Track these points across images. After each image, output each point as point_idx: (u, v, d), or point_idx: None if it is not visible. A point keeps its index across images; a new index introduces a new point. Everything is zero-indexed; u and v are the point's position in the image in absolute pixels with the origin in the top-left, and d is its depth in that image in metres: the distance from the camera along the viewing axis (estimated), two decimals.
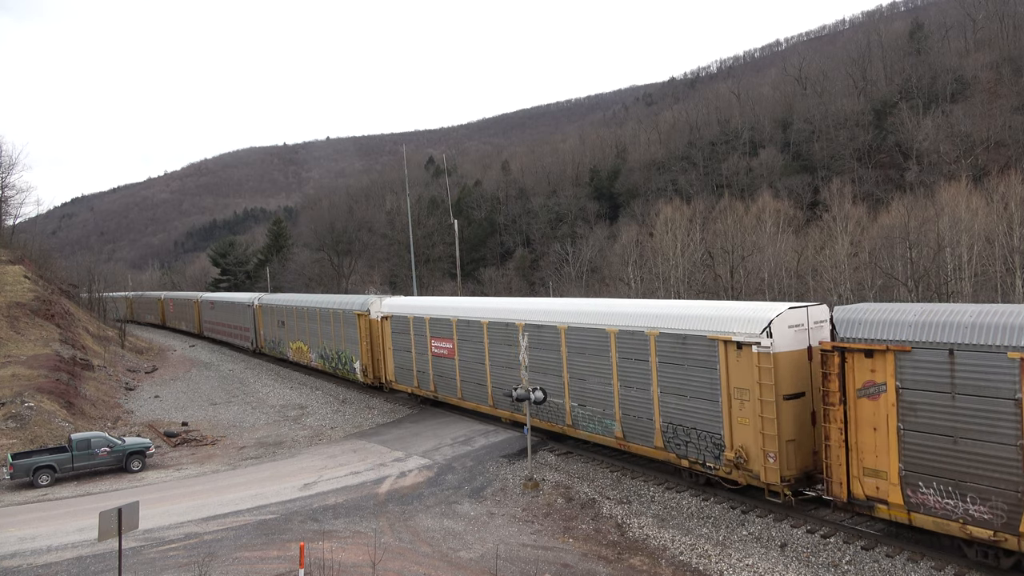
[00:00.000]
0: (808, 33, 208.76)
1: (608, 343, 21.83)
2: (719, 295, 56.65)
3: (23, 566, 17.64)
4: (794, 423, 17.26)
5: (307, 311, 45.05)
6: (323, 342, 42.78)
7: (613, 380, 21.80)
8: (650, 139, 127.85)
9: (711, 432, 18.83)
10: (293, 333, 47.83)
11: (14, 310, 46.34)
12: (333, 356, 41.55)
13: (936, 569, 14.73)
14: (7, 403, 32.27)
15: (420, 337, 32.14)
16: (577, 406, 23.51)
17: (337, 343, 40.78)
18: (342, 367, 40.52)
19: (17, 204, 78.03)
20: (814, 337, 17.55)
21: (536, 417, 24.24)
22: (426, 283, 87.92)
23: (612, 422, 22.02)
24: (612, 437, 22.04)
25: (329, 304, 42.37)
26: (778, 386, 16.96)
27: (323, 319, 42.45)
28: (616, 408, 21.82)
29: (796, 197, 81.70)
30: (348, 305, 39.57)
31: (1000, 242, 50.58)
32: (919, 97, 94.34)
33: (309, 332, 44.96)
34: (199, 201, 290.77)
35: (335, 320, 40.69)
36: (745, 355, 17.58)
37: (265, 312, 53.66)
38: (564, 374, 23.81)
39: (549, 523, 19.42)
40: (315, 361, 44.48)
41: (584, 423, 23.20)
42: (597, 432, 22.68)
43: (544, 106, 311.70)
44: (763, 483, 17.52)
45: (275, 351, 52.04)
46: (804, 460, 17.41)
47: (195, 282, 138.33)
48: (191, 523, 20.05)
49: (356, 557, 17.02)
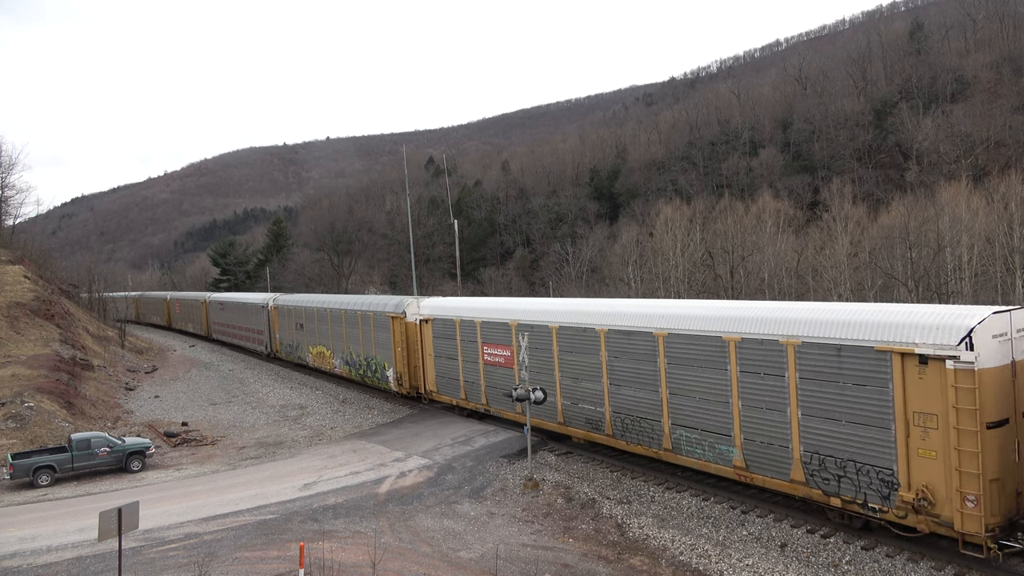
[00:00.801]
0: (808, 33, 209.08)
1: (725, 353, 18.34)
2: (719, 295, 56.65)
3: (23, 566, 17.63)
4: (998, 458, 14.06)
5: (331, 313, 41.77)
6: (349, 347, 39.57)
7: (732, 399, 18.27)
8: (650, 139, 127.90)
9: (877, 466, 15.41)
10: (313, 336, 44.55)
11: (14, 310, 46.33)
12: (361, 363, 38.22)
13: (936, 569, 14.72)
14: (7, 403, 32.26)
15: (469, 343, 28.67)
16: (680, 428, 19.92)
17: (366, 348, 37.46)
18: (371, 375, 37.20)
19: (17, 204, 78.12)
20: (1017, 349, 14.45)
21: (624, 439, 21.79)
22: (426, 283, 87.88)
23: (730, 448, 18.48)
24: (728, 466, 18.56)
25: (357, 305, 38.97)
26: (982, 411, 13.76)
27: (350, 322, 39.18)
28: (736, 432, 18.25)
29: (796, 197, 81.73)
30: (380, 307, 36.22)
31: (1000, 242, 50.56)
32: (919, 97, 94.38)
33: (333, 336, 41.62)
34: (199, 201, 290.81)
35: (364, 323, 37.37)
36: (933, 372, 14.36)
37: (281, 314, 50.42)
38: (662, 389, 20.17)
39: (549, 523, 19.42)
40: (339, 368, 41.13)
41: (689, 448, 19.69)
42: (707, 459, 19.16)
43: (544, 106, 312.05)
44: (957, 532, 14.27)
45: (292, 356, 48.87)
46: (1008, 503, 14.31)
47: (195, 282, 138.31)
48: (191, 523, 20.04)
49: (356, 557, 17.01)
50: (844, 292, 50.91)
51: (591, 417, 23.04)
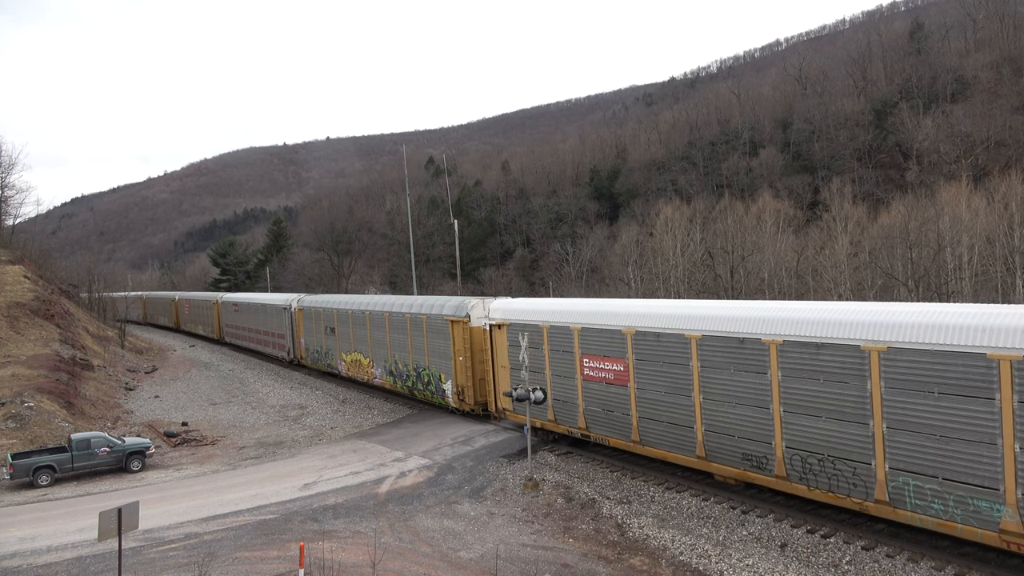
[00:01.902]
0: (808, 33, 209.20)
1: (993, 378, 13.46)
2: (719, 295, 56.66)
3: (23, 566, 17.64)
4: None
5: (370, 316, 37.20)
6: (394, 355, 34.95)
7: (1004, 438, 13.43)
8: (650, 139, 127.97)
9: None
10: (347, 342, 39.95)
11: (14, 310, 46.34)
12: (408, 374, 33.70)
13: (936, 569, 14.71)
14: (7, 403, 32.27)
15: (561, 354, 23.90)
16: (906, 475, 14.99)
17: (416, 357, 32.94)
18: (422, 388, 32.75)
19: (17, 204, 78.22)
20: None
21: (803, 483, 17.11)
22: (426, 283, 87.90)
23: (996, 506, 13.62)
24: (992, 530, 13.69)
25: (405, 308, 34.18)
26: None
27: (395, 326, 34.60)
28: (1009, 484, 13.36)
29: (796, 197, 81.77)
30: (436, 309, 31.54)
31: (1001, 242, 50.58)
32: (919, 97, 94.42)
33: (373, 342, 37.08)
34: (199, 201, 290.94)
35: (414, 328, 32.82)
36: None
37: (308, 316, 45.64)
38: (875, 422, 15.33)
39: (549, 523, 19.41)
40: (380, 378, 36.79)
41: (922, 502, 14.77)
42: (954, 519, 14.27)
43: (544, 106, 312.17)
44: None
45: (320, 363, 44.36)
46: None
47: (195, 282, 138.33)
48: (191, 523, 20.04)
49: (356, 557, 17.02)
50: (844, 292, 50.92)
51: (751, 452, 18.15)
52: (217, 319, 67.43)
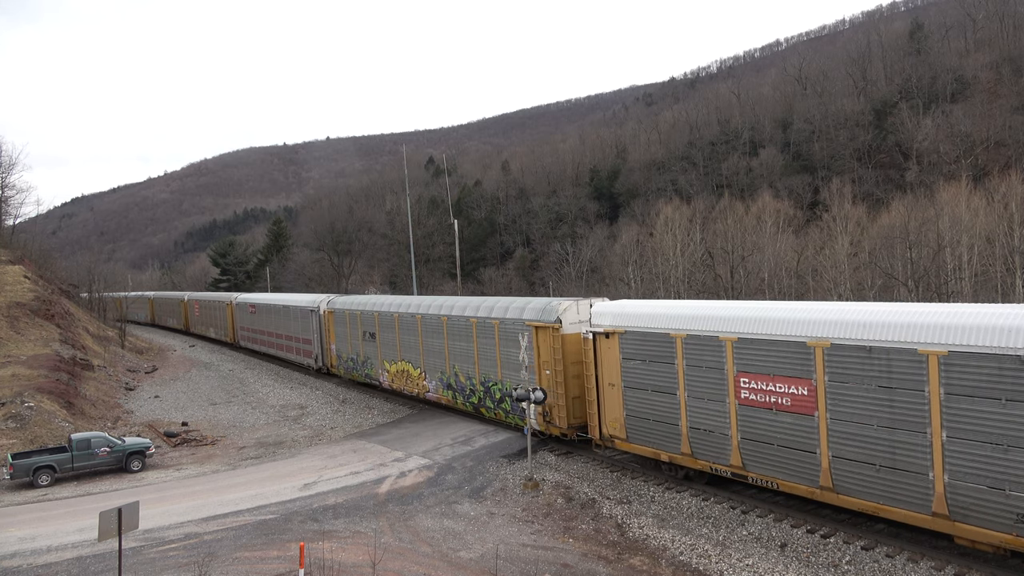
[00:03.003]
0: (808, 33, 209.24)
1: None
2: (719, 295, 56.65)
3: (23, 566, 17.64)
4: None
5: (425, 321, 31.94)
6: (454, 366, 30.16)
7: None
8: (650, 139, 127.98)
9: None
10: (392, 350, 35.26)
11: (14, 310, 46.35)
12: (474, 388, 28.89)
13: (936, 569, 14.72)
14: (7, 403, 32.27)
15: (704, 371, 19.13)
16: None
17: (486, 369, 28.06)
18: (493, 405, 27.98)
19: (17, 204, 78.21)
20: None
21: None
22: (426, 283, 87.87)
23: None
24: None
25: (472, 311, 29.03)
26: None
27: (457, 332, 29.58)
28: None
29: (796, 197, 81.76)
30: (515, 312, 26.53)
31: (1000, 242, 50.58)
32: (919, 97, 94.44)
33: (426, 350, 32.17)
34: (199, 201, 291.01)
35: (484, 334, 27.91)
36: None
37: (340, 320, 40.79)
38: None
39: (549, 523, 19.42)
40: (435, 392, 31.80)
41: None
42: None
43: (544, 106, 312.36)
44: None
45: (356, 373, 39.48)
46: None
47: (195, 282, 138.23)
48: (191, 523, 20.05)
49: (356, 557, 17.02)
50: (844, 292, 50.91)
51: None
52: (231, 322, 63.44)
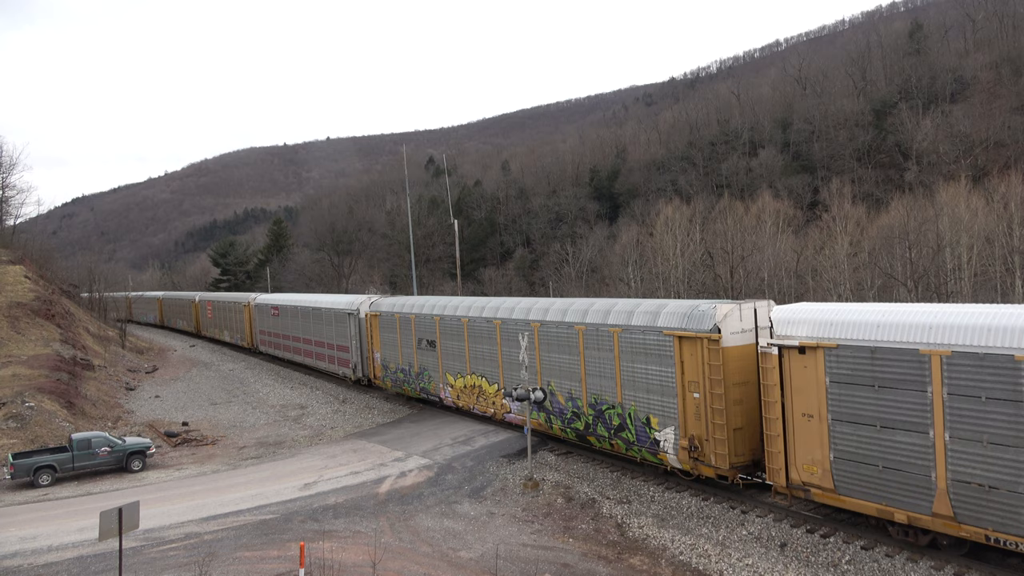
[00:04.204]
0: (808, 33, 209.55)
1: None
2: (719, 295, 56.67)
3: (23, 566, 17.66)
4: None
5: (506, 327, 26.69)
6: (548, 382, 24.84)
7: None
8: (650, 139, 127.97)
9: None
10: (458, 361, 30.01)
11: (14, 310, 46.36)
12: (580, 411, 23.25)
13: (936, 569, 14.74)
14: (8, 403, 32.29)
15: (989, 403, 13.38)
16: None
17: (598, 387, 22.47)
18: (609, 433, 22.14)
19: (17, 204, 78.25)
20: None
21: None
22: (426, 283, 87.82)
23: None
24: None
25: (577, 315, 23.48)
26: None
27: (553, 342, 24.34)
28: None
29: (796, 197, 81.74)
30: (645, 318, 20.84)
31: (1000, 242, 50.61)
32: (919, 97, 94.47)
33: (507, 362, 26.93)
34: (199, 201, 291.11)
35: (595, 344, 22.44)
36: None
37: (387, 324, 35.54)
38: None
39: (549, 523, 19.44)
40: (518, 412, 26.17)
41: None
42: None
43: (544, 106, 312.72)
44: None
45: (408, 386, 34.31)
46: None
47: (195, 282, 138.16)
48: (191, 523, 20.07)
49: (356, 557, 17.04)
50: (844, 292, 50.93)
51: None
52: (249, 325, 58.52)
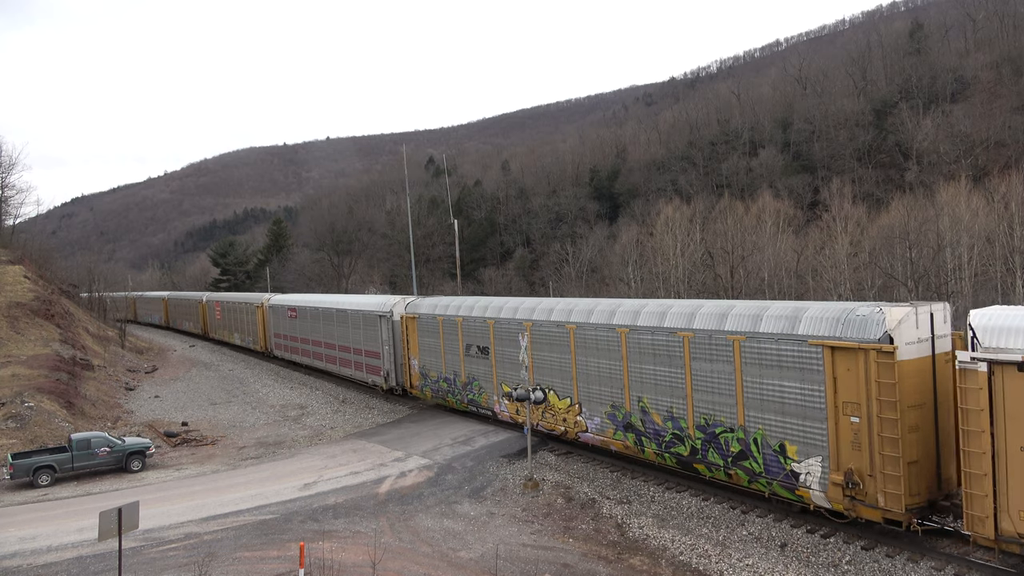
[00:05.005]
0: (808, 33, 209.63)
1: None
2: (719, 295, 56.63)
3: (23, 566, 17.64)
4: None
5: (582, 333, 23.07)
6: (639, 397, 21.12)
7: None
8: (650, 139, 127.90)
9: None
10: (517, 370, 26.65)
11: (14, 310, 46.34)
12: (685, 433, 19.80)
13: (936, 569, 14.72)
14: (7, 403, 32.27)
15: None
16: None
17: (708, 404, 19.10)
18: (725, 460, 18.75)
19: (17, 204, 78.15)
20: None
21: None
22: (426, 283, 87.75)
23: None
24: None
25: (681, 320, 19.96)
26: None
27: (648, 351, 20.73)
28: None
29: (796, 197, 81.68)
30: (777, 322, 17.43)
31: (1000, 242, 50.56)
32: (919, 97, 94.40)
33: (583, 373, 23.22)
34: (199, 201, 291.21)
35: (710, 356, 18.96)
36: None
37: (428, 328, 32.09)
38: None
39: (549, 523, 19.42)
40: (599, 431, 22.79)
41: None
42: None
43: (544, 106, 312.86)
44: None
45: (452, 398, 30.96)
46: None
47: (195, 282, 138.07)
48: (191, 523, 20.05)
49: (356, 557, 17.02)
50: (844, 292, 50.91)
51: None
52: (262, 327, 55.17)
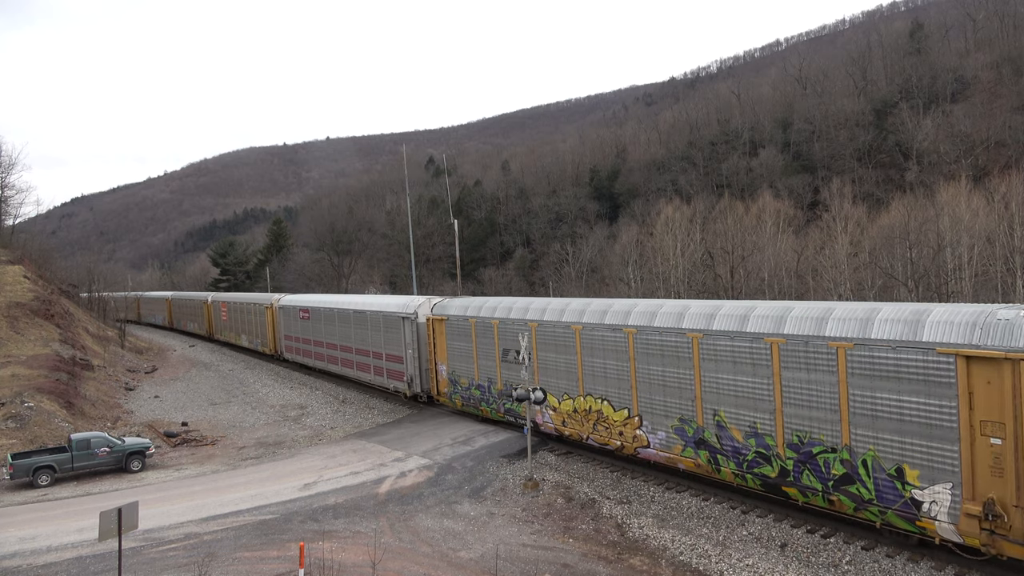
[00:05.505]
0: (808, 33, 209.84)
1: None
2: (719, 295, 56.62)
3: (23, 566, 17.63)
4: None
5: (644, 338, 20.57)
6: (715, 410, 18.49)
7: None
8: (650, 139, 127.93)
9: None
10: (564, 378, 23.74)
11: (14, 310, 46.32)
12: (772, 452, 17.31)
13: (936, 569, 14.71)
14: (7, 403, 32.26)
15: None
16: None
17: (800, 421, 16.61)
18: (823, 484, 16.21)
19: (17, 204, 78.11)
20: None
21: None
22: (426, 283, 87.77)
23: None
24: None
25: (766, 323, 17.47)
26: None
27: (728, 359, 18.15)
28: None
29: (796, 197, 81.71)
30: (890, 328, 14.98)
31: (1001, 242, 50.54)
32: (919, 97, 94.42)
33: (644, 382, 20.73)
34: (199, 201, 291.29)
35: (806, 365, 16.41)
36: None
37: (458, 331, 29.85)
38: None
39: (549, 523, 19.41)
40: (663, 447, 20.23)
41: None
42: None
43: (544, 106, 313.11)
44: None
45: (484, 406, 28.77)
46: None
47: (195, 282, 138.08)
48: (191, 523, 20.04)
49: (356, 557, 17.01)
50: (844, 292, 50.90)
51: None
52: (272, 329, 53.54)
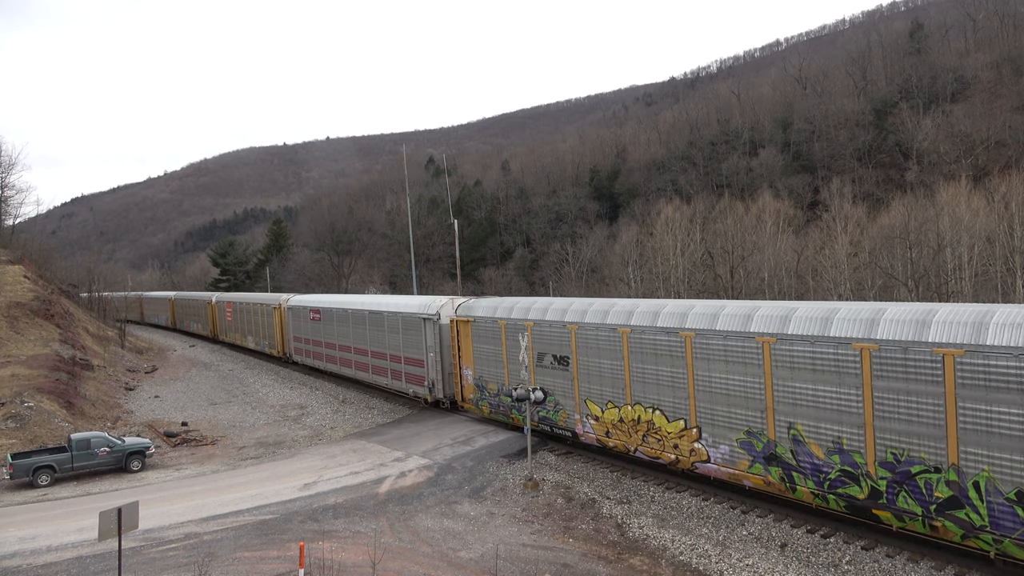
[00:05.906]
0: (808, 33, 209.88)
1: None
2: (719, 295, 56.62)
3: (23, 566, 17.63)
4: None
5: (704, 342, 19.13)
6: (791, 423, 17.10)
7: None
8: (650, 139, 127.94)
9: None
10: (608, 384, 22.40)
11: (14, 310, 46.32)
12: (861, 471, 15.78)
13: (936, 569, 14.71)
14: (7, 403, 32.26)
15: None
16: None
17: (897, 434, 15.08)
18: (923, 508, 14.77)
19: (17, 204, 78.13)
20: None
21: None
22: (426, 283, 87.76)
23: None
24: None
25: (862, 328, 15.73)
26: None
27: (802, 364, 16.79)
28: None
29: (796, 197, 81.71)
30: (1012, 332, 13.49)
31: (1001, 242, 50.53)
32: (919, 97, 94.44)
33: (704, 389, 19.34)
34: (199, 201, 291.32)
35: (904, 372, 14.88)
36: None
37: (486, 334, 28.15)
38: None
39: (549, 523, 19.41)
40: (726, 461, 18.90)
41: None
42: None
43: (544, 106, 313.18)
44: None
45: (516, 414, 26.79)
46: None
47: (195, 282, 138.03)
48: (191, 523, 20.03)
49: (356, 557, 17.01)
50: (844, 292, 50.89)
51: None
52: (280, 330, 52.08)
